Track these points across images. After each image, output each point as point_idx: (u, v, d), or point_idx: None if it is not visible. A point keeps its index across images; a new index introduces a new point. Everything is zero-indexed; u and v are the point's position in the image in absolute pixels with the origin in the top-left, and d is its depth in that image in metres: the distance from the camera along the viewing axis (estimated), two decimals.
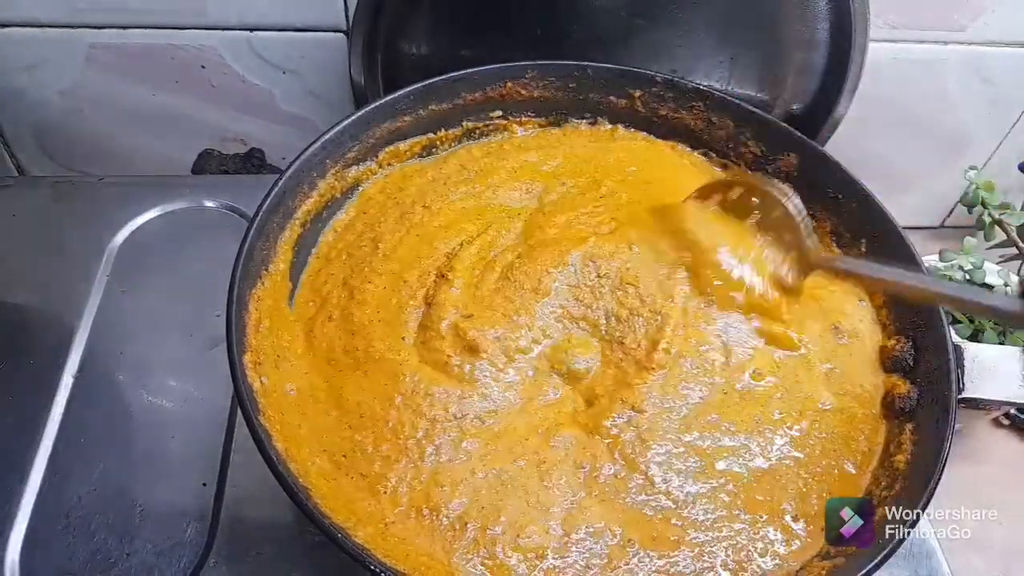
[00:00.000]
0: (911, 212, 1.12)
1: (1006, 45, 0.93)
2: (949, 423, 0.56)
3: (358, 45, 0.84)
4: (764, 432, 0.60)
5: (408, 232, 0.69)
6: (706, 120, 0.79)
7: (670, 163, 0.80)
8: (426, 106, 0.75)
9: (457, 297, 0.63)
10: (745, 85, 0.89)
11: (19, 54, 0.91)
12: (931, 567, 0.66)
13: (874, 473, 0.59)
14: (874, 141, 1.02)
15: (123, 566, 0.61)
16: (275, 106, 0.98)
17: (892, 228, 0.68)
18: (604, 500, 0.56)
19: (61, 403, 0.70)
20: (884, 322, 0.68)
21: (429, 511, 0.54)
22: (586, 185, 0.75)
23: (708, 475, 0.57)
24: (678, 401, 0.60)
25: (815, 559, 0.54)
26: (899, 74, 0.95)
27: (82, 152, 1.03)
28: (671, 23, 0.85)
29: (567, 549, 0.53)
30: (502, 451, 0.57)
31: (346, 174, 0.72)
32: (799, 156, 0.75)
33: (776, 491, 0.57)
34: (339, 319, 0.63)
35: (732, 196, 0.66)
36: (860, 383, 0.64)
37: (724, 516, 0.55)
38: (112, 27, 0.89)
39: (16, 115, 0.98)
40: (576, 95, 0.80)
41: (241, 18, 0.89)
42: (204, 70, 0.94)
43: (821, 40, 0.84)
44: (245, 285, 0.59)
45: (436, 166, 0.77)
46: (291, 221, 0.67)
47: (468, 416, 0.58)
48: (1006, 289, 0.86)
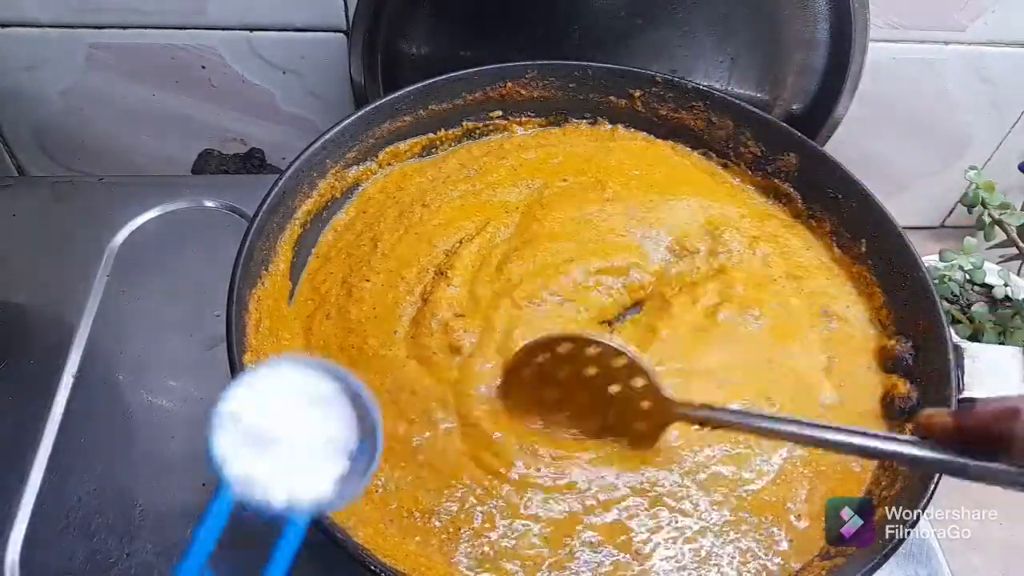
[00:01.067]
0: (911, 212, 1.12)
1: (1006, 45, 0.93)
2: None
3: (358, 45, 0.84)
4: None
5: (407, 231, 0.69)
6: (706, 120, 0.79)
7: (671, 163, 0.80)
8: (426, 106, 0.75)
9: (454, 296, 0.64)
10: (745, 85, 0.89)
11: (19, 54, 0.91)
12: (932, 568, 0.66)
13: (874, 473, 0.59)
14: (874, 141, 1.02)
15: (123, 566, 0.61)
16: (275, 106, 0.98)
17: (892, 228, 0.68)
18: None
19: (61, 403, 0.70)
20: (884, 322, 0.68)
21: (420, 514, 0.54)
22: (588, 184, 0.75)
23: (710, 477, 0.57)
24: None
25: (815, 559, 0.54)
26: (899, 74, 0.95)
27: (82, 152, 1.03)
28: (671, 23, 0.85)
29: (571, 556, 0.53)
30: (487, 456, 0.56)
31: (346, 174, 0.72)
32: (799, 156, 0.75)
33: (782, 491, 0.57)
34: (336, 317, 0.63)
35: (560, 351, 0.56)
36: (860, 375, 0.64)
37: (726, 517, 0.55)
38: (112, 27, 0.89)
39: (16, 115, 0.98)
40: (576, 95, 0.80)
41: (241, 18, 0.89)
42: (204, 70, 0.94)
43: (821, 40, 0.84)
44: (245, 285, 0.59)
45: (436, 165, 0.77)
46: (291, 221, 0.67)
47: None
48: (1007, 290, 0.86)
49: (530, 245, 0.68)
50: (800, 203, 0.76)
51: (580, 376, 0.56)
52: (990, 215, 0.89)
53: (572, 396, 0.57)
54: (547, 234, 0.70)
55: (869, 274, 0.70)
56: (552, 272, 0.66)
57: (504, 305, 0.63)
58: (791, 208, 0.77)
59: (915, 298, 0.65)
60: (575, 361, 0.55)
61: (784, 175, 0.77)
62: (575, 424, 0.58)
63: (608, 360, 0.55)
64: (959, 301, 0.85)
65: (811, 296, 0.69)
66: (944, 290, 0.85)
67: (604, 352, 0.54)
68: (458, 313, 0.63)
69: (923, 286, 0.64)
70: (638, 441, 0.57)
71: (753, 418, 0.52)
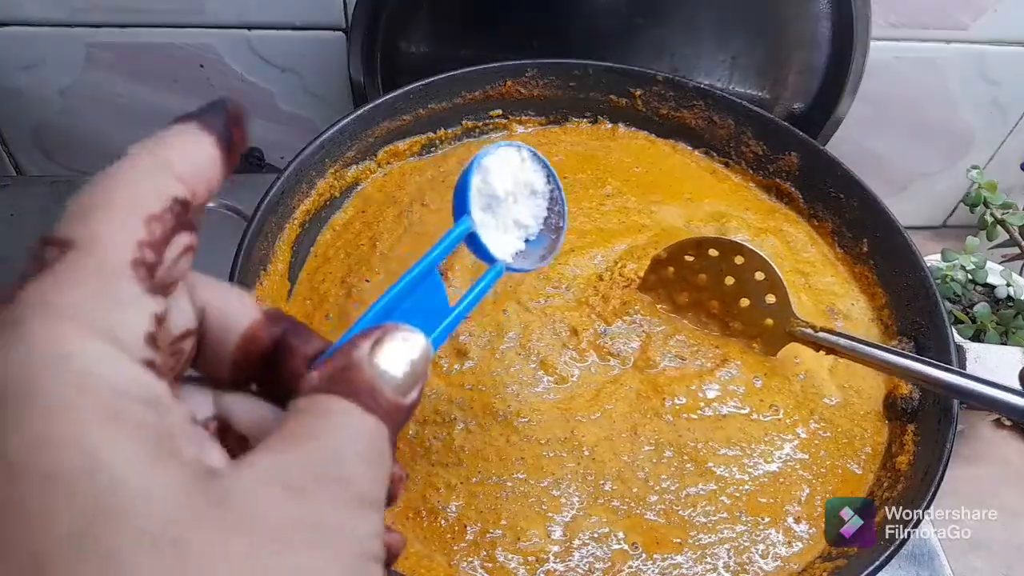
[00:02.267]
0: (913, 211, 1.12)
1: (1008, 44, 0.93)
2: (951, 424, 0.56)
3: (357, 44, 0.83)
4: (771, 437, 0.59)
5: (406, 230, 0.69)
6: (707, 119, 0.79)
7: (672, 162, 0.80)
8: (425, 105, 0.75)
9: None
10: (746, 84, 0.89)
11: (18, 54, 0.91)
12: (933, 568, 0.65)
13: (876, 474, 0.59)
14: (876, 140, 1.02)
15: None
16: (274, 105, 0.98)
17: (894, 227, 0.68)
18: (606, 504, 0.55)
19: None
20: (886, 322, 0.68)
21: (427, 513, 0.53)
22: (588, 181, 0.75)
23: (710, 478, 0.57)
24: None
25: (816, 560, 0.54)
26: (901, 73, 0.95)
27: (82, 152, 1.02)
28: (672, 22, 0.85)
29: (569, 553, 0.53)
30: (492, 456, 0.56)
31: (345, 173, 0.72)
32: (800, 155, 0.75)
33: (780, 492, 0.57)
34: (336, 317, 0.63)
35: (712, 254, 0.61)
36: (862, 375, 0.64)
37: (727, 519, 0.55)
38: (111, 26, 0.89)
39: (15, 115, 0.98)
40: (577, 94, 0.80)
41: (240, 17, 0.89)
42: (203, 69, 0.93)
43: (822, 39, 0.83)
44: (244, 285, 0.59)
45: (435, 164, 0.77)
46: (290, 221, 0.67)
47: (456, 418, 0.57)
48: (1009, 290, 0.86)
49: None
50: (801, 202, 0.76)
51: (717, 282, 0.61)
52: (992, 215, 0.88)
53: (702, 303, 0.62)
54: None
55: (871, 274, 0.70)
56: (552, 265, 0.66)
57: (511, 308, 0.63)
58: (793, 207, 0.77)
59: (917, 298, 0.65)
60: (718, 268, 0.61)
61: (785, 174, 0.77)
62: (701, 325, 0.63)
63: (749, 272, 0.59)
64: (961, 301, 0.85)
65: (819, 293, 0.69)
66: (946, 290, 0.84)
67: (747, 263, 0.59)
68: None
69: (925, 286, 0.64)
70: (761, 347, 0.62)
71: (870, 347, 0.56)
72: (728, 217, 0.73)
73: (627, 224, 0.72)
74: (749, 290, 0.60)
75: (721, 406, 0.60)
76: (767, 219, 0.75)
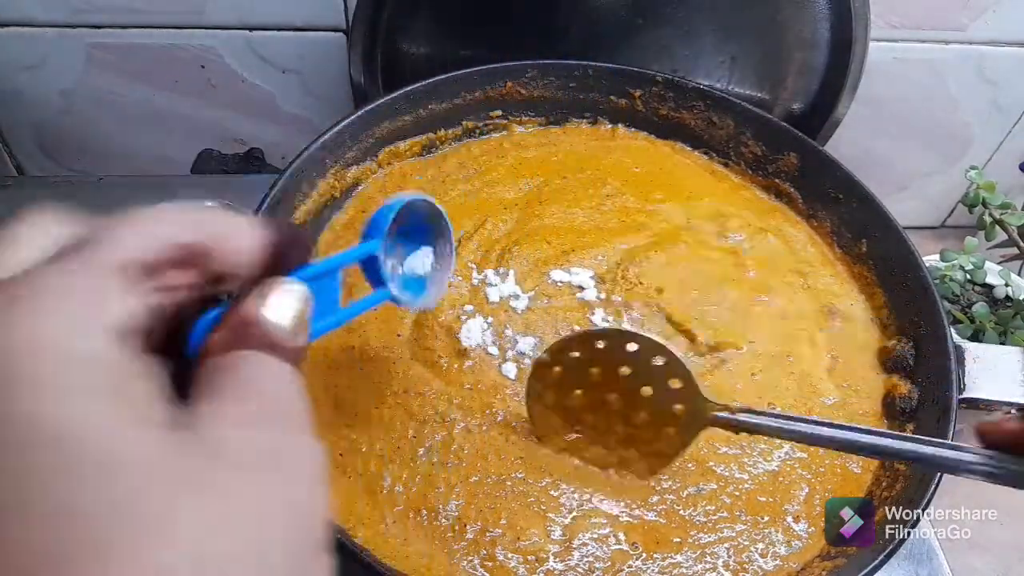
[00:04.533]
0: (912, 212, 1.12)
1: (1007, 44, 0.93)
2: (950, 424, 0.56)
3: (358, 45, 0.84)
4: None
5: None
6: (707, 120, 0.79)
7: (672, 162, 0.80)
8: (426, 106, 0.75)
9: (456, 297, 0.63)
10: (746, 85, 0.89)
11: (19, 54, 0.91)
12: (932, 568, 0.66)
13: (875, 473, 0.59)
14: (875, 141, 1.02)
15: None
16: (275, 106, 0.98)
17: (893, 228, 0.68)
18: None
19: None
20: (884, 322, 0.68)
21: (427, 512, 0.53)
22: (588, 181, 0.75)
23: (711, 477, 0.57)
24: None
25: (816, 559, 0.54)
26: (900, 74, 0.95)
27: (82, 152, 1.03)
28: (672, 23, 0.85)
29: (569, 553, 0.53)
30: (492, 455, 0.56)
31: (345, 173, 0.72)
32: (799, 156, 0.75)
33: (779, 491, 0.57)
34: None
35: (599, 346, 0.52)
36: (861, 374, 0.64)
37: (727, 518, 0.55)
38: (112, 27, 0.89)
39: (16, 115, 0.98)
40: (576, 95, 0.80)
41: (240, 17, 0.89)
42: (204, 70, 0.94)
43: (822, 40, 0.83)
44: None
45: (435, 164, 0.77)
46: (290, 221, 0.67)
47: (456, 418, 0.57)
48: (1008, 290, 0.86)
49: (530, 239, 0.68)
50: (801, 203, 0.76)
51: (613, 376, 0.53)
52: (991, 215, 0.88)
53: (601, 401, 0.54)
54: (546, 228, 0.70)
55: (870, 274, 0.70)
56: (553, 263, 0.66)
57: (511, 308, 0.63)
58: (792, 207, 0.77)
59: (916, 298, 0.65)
60: (610, 359, 0.52)
61: (784, 175, 0.77)
62: (597, 437, 0.55)
63: (646, 358, 0.51)
64: (960, 301, 0.85)
65: (817, 293, 0.69)
66: (945, 290, 0.84)
67: (643, 349, 0.51)
68: (460, 315, 0.62)
69: (924, 286, 0.64)
70: (654, 460, 0.54)
71: (797, 423, 0.48)
72: (727, 216, 0.73)
73: (627, 224, 0.72)
74: (649, 378, 0.52)
75: None
76: (766, 219, 0.75)
